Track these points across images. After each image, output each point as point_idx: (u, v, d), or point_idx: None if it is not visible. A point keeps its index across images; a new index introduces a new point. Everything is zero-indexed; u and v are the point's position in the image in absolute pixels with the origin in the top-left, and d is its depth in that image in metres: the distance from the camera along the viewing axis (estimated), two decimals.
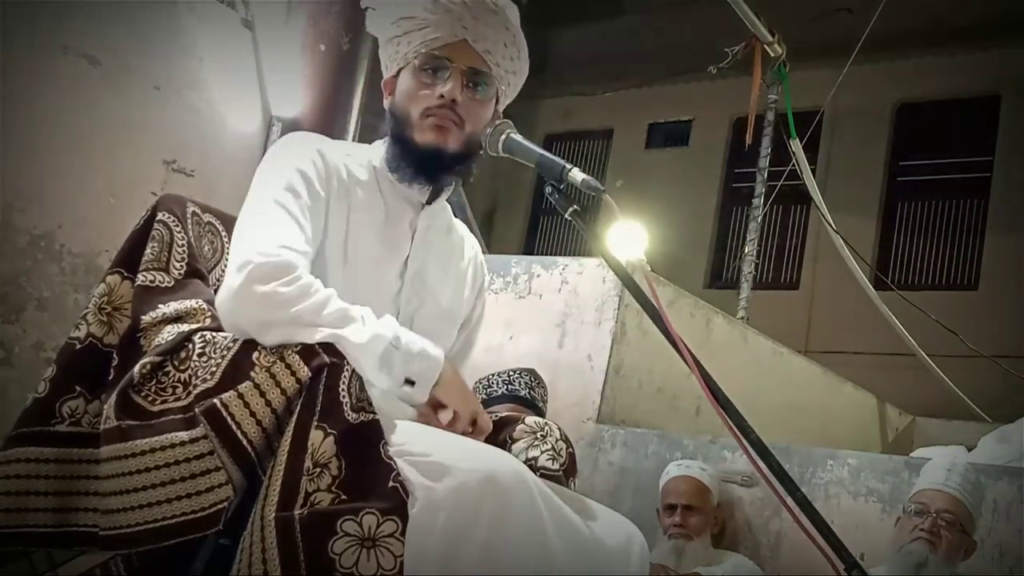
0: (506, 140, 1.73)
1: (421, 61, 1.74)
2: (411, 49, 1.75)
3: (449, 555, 1.38)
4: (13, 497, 1.54)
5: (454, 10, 1.73)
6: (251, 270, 1.51)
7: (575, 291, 3.62)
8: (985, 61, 8.15)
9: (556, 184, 1.65)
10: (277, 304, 1.49)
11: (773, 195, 5.44)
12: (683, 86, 9.38)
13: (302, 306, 1.49)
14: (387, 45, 1.79)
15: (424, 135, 1.74)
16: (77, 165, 4.44)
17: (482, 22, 1.75)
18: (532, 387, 3.18)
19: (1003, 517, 2.70)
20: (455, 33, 1.74)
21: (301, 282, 1.52)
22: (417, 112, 1.74)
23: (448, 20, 1.73)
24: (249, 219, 1.63)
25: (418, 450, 1.47)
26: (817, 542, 1.38)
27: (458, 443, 1.56)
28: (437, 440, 1.53)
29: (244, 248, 1.56)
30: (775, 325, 5.68)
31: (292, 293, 1.50)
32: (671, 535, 3.04)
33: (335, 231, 1.70)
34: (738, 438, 1.45)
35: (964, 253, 8.40)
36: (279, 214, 1.60)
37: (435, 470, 1.43)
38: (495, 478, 1.41)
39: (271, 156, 1.74)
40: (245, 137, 5.15)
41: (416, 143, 1.74)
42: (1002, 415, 4.92)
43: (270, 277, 1.51)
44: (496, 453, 1.54)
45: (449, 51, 1.74)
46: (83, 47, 4.48)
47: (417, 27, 1.74)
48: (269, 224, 1.59)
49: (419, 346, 1.58)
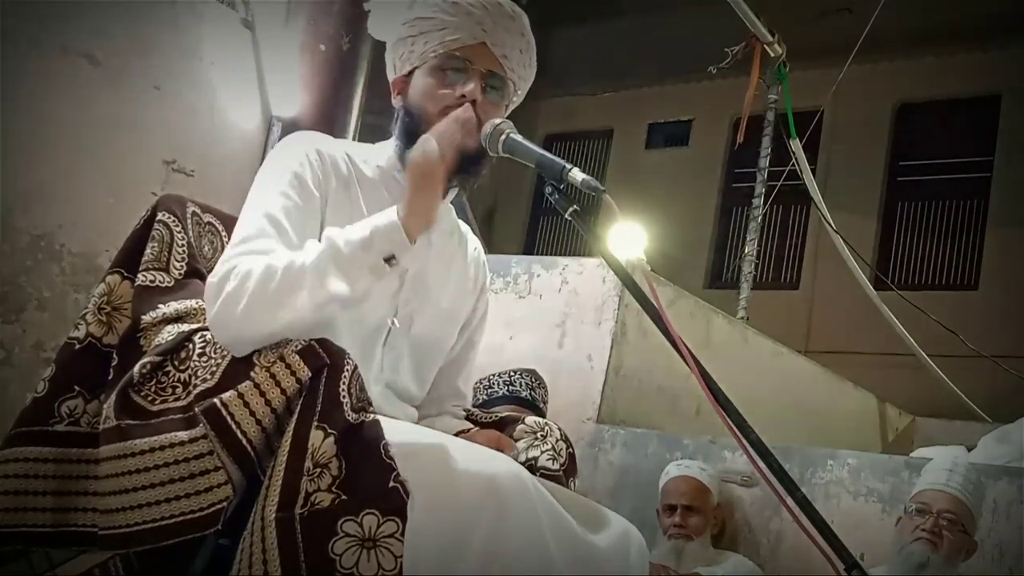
0: (506, 140, 1.73)
1: (440, 61, 1.73)
2: (428, 49, 1.74)
3: (447, 557, 1.38)
4: (12, 497, 1.54)
5: (474, 13, 1.73)
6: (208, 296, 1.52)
7: (575, 291, 3.62)
8: (985, 61, 8.16)
9: (556, 184, 1.65)
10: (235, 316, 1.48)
11: (773, 195, 5.44)
12: (683, 86, 9.39)
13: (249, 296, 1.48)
14: (398, 45, 1.78)
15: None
16: (77, 165, 4.44)
17: (501, 27, 1.75)
18: (533, 388, 3.18)
19: (1003, 517, 2.70)
20: (475, 35, 1.74)
21: (235, 271, 1.50)
22: (436, 110, 1.72)
23: (468, 23, 1.73)
24: (239, 229, 1.61)
25: (418, 451, 1.47)
26: (817, 542, 1.38)
27: (458, 444, 1.56)
28: (437, 441, 1.53)
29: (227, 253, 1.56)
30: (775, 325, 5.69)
31: (234, 288, 1.49)
32: (671, 535, 3.04)
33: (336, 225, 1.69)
34: (738, 438, 1.45)
35: (964, 253, 8.40)
36: (260, 226, 1.58)
37: (434, 471, 1.43)
38: (494, 480, 1.41)
39: (269, 159, 1.73)
40: (245, 137, 5.15)
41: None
42: (1002, 415, 4.92)
43: (216, 293, 1.50)
44: (495, 454, 1.54)
45: (469, 52, 1.73)
46: (83, 47, 4.48)
47: (436, 28, 1.74)
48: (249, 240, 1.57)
49: (359, 232, 1.54)
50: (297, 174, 1.66)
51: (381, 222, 1.55)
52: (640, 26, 9.58)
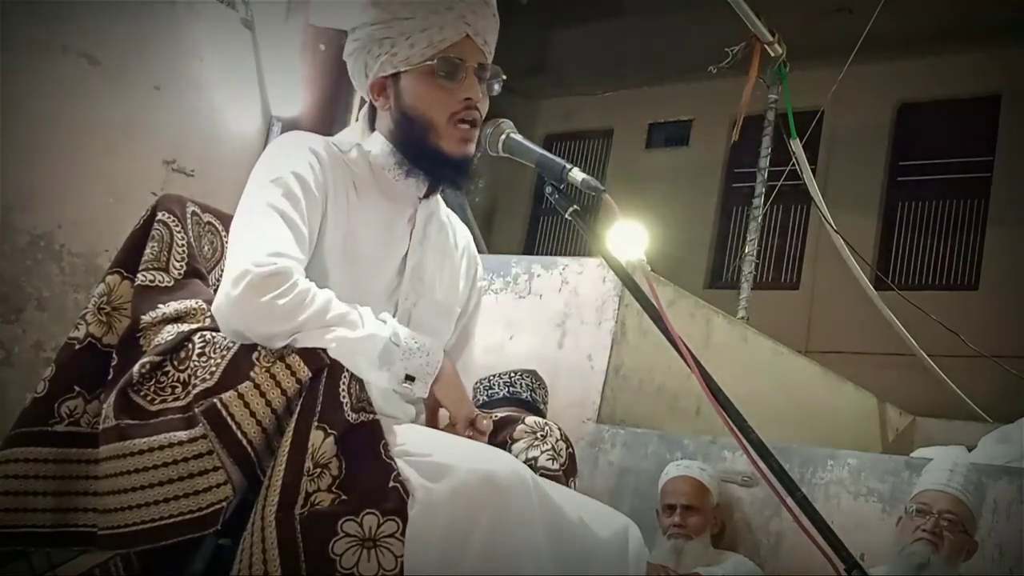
0: (506, 140, 1.73)
1: (438, 66, 1.70)
2: (416, 52, 1.71)
3: (448, 555, 1.38)
4: (12, 497, 1.54)
5: (455, 7, 1.72)
6: (248, 281, 1.49)
7: (575, 291, 3.61)
8: (985, 61, 8.15)
9: (556, 184, 1.65)
10: (277, 316, 1.49)
11: (773, 195, 5.44)
12: (683, 86, 9.37)
13: (303, 317, 1.49)
14: (371, 46, 1.74)
15: (455, 146, 1.72)
16: (77, 165, 4.45)
17: (480, 15, 1.74)
18: (533, 389, 3.18)
19: (1003, 517, 2.70)
20: (459, 31, 1.72)
21: (298, 290, 1.51)
22: (443, 117, 1.71)
23: (451, 19, 1.71)
24: (244, 226, 1.61)
25: (418, 450, 1.47)
26: (817, 542, 1.38)
27: (458, 443, 1.56)
28: (437, 440, 1.53)
29: (240, 257, 1.54)
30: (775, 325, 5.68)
31: (289, 304, 1.49)
32: (671, 535, 3.03)
33: (334, 231, 1.68)
34: (738, 438, 1.45)
35: (964, 253, 8.39)
36: (273, 220, 1.58)
37: (435, 470, 1.43)
38: (494, 478, 1.41)
39: (266, 158, 1.72)
40: (245, 137, 5.15)
41: (445, 152, 1.72)
42: (1002, 415, 4.92)
43: (267, 288, 1.49)
44: (495, 453, 1.55)
45: (458, 50, 1.72)
46: (83, 47, 4.48)
47: (418, 28, 1.70)
48: (264, 231, 1.57)
49: (418, 342, 1.59)
50: (300, 175, 1.65)
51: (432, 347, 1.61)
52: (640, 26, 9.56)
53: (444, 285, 1.85)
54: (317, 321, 1.50)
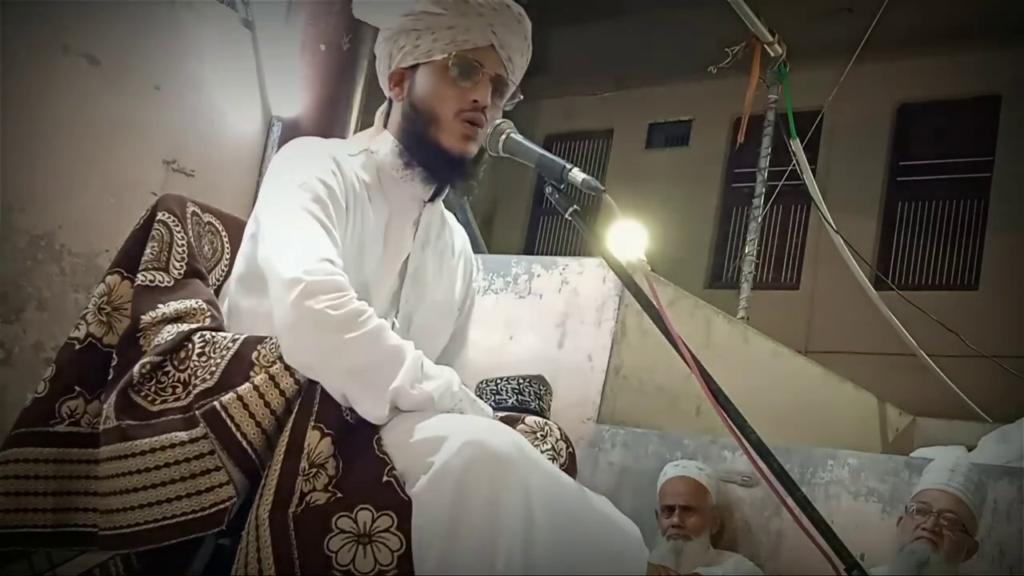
0: (506, 140, 1.73)
1: (454, 62, 1.71)
2: (437, 47, 1.72)
3: (455, 526, 1.36)
4: (12, 497, 1.55)
5: (485, 14, 1.72)
6: (303, 288, 1.46)
7: (575, 291, 3.61)
8: (985, 61, 8.14)
9: (556, 184, 1.65)
10: (328, 327, 1.45)
11: (773, 195, 5.44)
12: (683, 86, 9.36)
13: (353, 336, 1.46)
14: (399, 36, 1.75)
15: (454, 141, 1.72)
16: (77, 165, 4.45)
17: (508, 30, 1.75)
18: (541, 396, 3.16)
19: (1003, 517, 2.70)
20: (485, 37, 1.73)
21: (352, 307, 1.48)
22: (449, 113, 1.71)
23: (479, 24, 1.72)
24: (283, 230, 1.57)
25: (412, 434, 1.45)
26: (817, 542, 1.38)
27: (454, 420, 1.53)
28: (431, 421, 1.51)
29: (288, 263, 1.50)
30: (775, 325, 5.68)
31: (341, 318, 1.46)
32: (669, 536, 3.03)
33: (349, 240, 1.67)
34: (738, 438, 1.45)
35: (964, 253, 8.39)
36: (313, 226, 1.56)
37: (433, 447, 1.41)
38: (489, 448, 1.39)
39: (288, 164, 1.69)
40: (245, 137, 5.15)
41: (443, 146, 1.72)
42: (1002, 415, 4.92)
43: (321, 293, 1.47)
44: (494, 425, 1.53)
45: (480, 55, 1.72)
46: (83, 47, 4.48)
47: (444, 25, 1.72)
48: (307, 237, 1.55)
49: (459, 384, 1.60)
50: (327, 184, 1.64)
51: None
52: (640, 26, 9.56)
53: (443, 286, 1.86)
54: (368, 355, 1.47)
